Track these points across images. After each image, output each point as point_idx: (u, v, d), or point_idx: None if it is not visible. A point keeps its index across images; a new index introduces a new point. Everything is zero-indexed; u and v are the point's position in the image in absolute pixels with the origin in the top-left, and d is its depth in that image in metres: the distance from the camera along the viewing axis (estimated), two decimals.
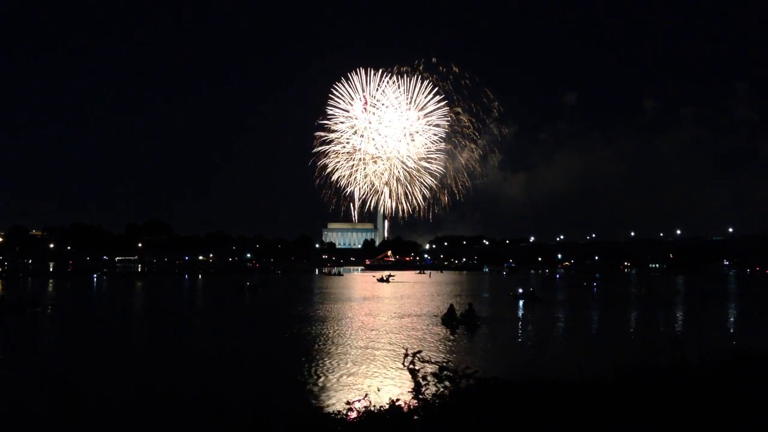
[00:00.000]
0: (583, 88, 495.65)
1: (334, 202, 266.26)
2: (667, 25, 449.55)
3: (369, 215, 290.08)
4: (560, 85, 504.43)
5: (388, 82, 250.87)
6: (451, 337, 31.69)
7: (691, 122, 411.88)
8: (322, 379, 20.37)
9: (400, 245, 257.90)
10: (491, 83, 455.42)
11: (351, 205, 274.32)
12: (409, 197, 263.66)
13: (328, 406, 16.03)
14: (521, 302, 55.24)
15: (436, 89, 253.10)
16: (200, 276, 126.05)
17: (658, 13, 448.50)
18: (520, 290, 61.13)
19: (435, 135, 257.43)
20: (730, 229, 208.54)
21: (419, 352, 7.22)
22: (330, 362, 23.68)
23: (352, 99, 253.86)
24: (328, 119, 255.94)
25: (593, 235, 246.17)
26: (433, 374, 6.88)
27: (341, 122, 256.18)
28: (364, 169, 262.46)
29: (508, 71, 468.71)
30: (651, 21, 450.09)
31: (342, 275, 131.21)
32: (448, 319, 36.62)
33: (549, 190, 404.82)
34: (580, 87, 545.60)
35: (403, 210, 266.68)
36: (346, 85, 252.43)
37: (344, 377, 20.80)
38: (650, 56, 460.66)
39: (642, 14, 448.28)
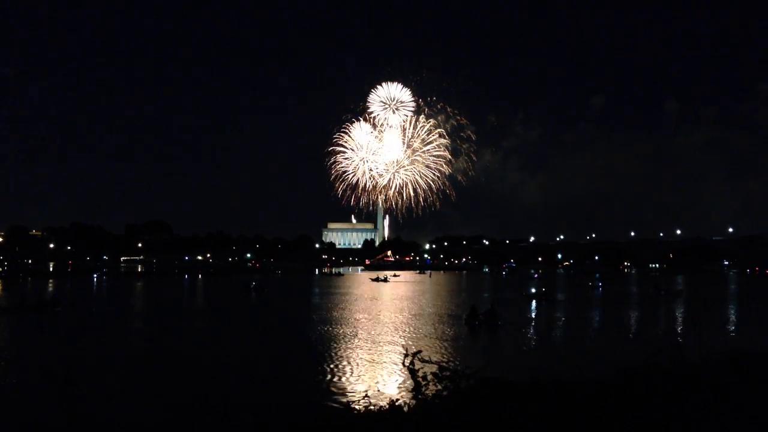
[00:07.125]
0: (606, 90, 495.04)
1: (342, 194, 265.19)
2: (689, 26, 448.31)
3: (370, 215, 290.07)
4: (584, 87, 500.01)
5: (401, 86, 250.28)
6: (469, 337, 32.12)
7: (711, 123, 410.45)
8: (322, 380, 20.34)
9: (400, 245, 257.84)
10: (514, 87, 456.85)
11: (353, 200, 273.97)
12: (415, 192, 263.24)
13: (328, 406, 15.93)
14: (533, 302, 55.15)
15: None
16: (200, 276, 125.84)
17: (681, 14, 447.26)
18: (533, 290, 60.97)
19: (446, 141, 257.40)
20: (731, 230, 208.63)
21: (419, 352, 7.23)
22: (331, 362, 23.66)
23: (362, 100, 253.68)
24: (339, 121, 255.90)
25: (593, 235, 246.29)
26: (433, 374, 6.88)
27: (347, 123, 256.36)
28: (367, 168, 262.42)
29: (531, 75, 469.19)
30: (673, 22, 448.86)
31: (342, 275, 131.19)
32: (471, 319, 36.86)
33: (564, 191, 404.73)
34: (602, 90, 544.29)
35: (408, 205, 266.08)
36: (355, 86, 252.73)
37: (345, 377, 20.79)
38: (673, 57, 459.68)
39: (665, 15, 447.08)
